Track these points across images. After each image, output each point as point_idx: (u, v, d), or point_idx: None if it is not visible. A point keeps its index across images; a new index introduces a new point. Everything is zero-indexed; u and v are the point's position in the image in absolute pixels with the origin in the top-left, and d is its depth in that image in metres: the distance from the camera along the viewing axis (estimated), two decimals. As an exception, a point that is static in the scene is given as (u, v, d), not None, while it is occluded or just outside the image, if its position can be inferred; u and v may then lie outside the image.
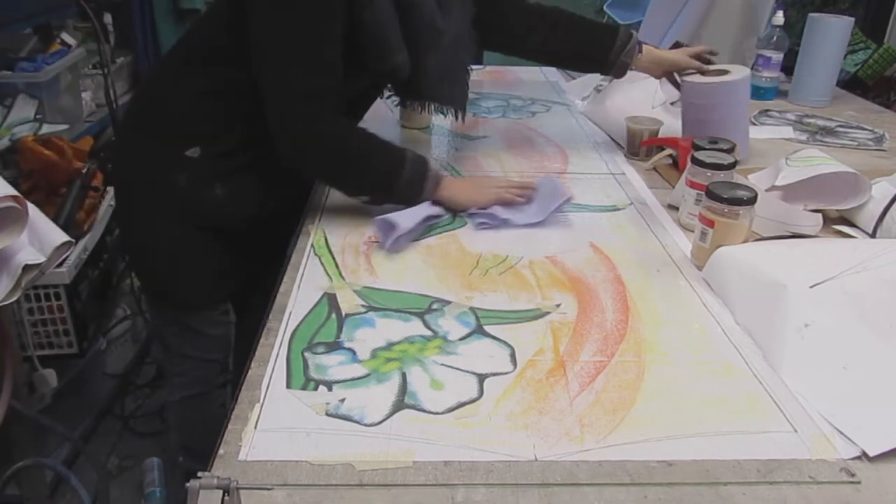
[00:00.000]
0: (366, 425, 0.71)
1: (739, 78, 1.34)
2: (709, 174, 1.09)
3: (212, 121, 1.13)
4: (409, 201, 1.11)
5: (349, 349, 0.83)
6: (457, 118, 1.28)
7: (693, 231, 1.06)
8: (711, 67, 1.39)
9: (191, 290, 1.22)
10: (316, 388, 0.76)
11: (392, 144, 1.14)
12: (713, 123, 1.31)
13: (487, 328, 0.88)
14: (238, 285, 1.28)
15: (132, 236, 1.25)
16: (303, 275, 0.99)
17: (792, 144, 1.57)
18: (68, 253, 1.36)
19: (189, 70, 1.14)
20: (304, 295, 0.94)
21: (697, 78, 1.36)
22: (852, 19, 1.82)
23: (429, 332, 0.87)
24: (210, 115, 1.13)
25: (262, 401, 0.74)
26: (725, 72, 1.35)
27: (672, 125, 1.49)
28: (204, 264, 1.21)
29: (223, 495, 0.58)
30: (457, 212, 1.16)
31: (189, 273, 1.21)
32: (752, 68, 1.94)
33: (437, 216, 1.14)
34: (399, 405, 0.74)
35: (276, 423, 0.71)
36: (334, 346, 0.84)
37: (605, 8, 2.44)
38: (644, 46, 1.39)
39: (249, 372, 0.79)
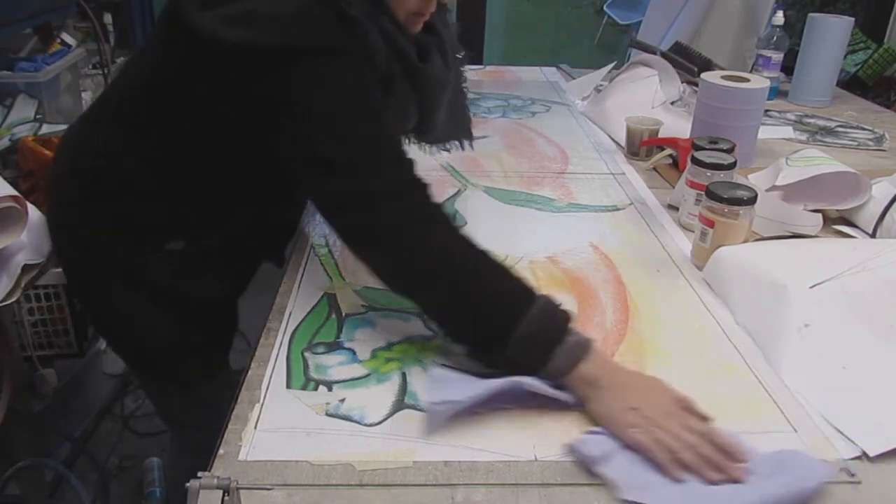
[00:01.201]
0: (366, 425, 0.71)
1: (758, 87, 1.34)
2: (709, 174, 1.09)
3: (195, 219, 0.98)
4: (525, 369, 0.73)
5: (349, 349, 0.83)
6: (463, 148, 1.17)
7: (693, 231, 1.06)
8: (734, 74, 1.39)
9: (196, 368, 1.10)
10: (316, 388, 0.76)
11: (515, 276, 0.78)
12: (723, 128, 1.31)
13: (487, 328, 0.88)
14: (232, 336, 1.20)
15: (110, 330, 1.10)
16: (303, 275, 0.99)
17: (792, 144, 1.57)
18: (68, 253, 1.36)
19: (157, 155, 0.94)
20: (304, 295, 0.94)
21: (717, 79, 1.36)
22: (852, 19, 1.82)
23: (429, 332, 0.87)
24: (192, 215, 0.97)
25: (262, 401, 0.74)
26: (746, 79, 1.35)
27: (672, 125, 1.49)
28: (203, 342, 1.10)
29: (223, 495, 0.58)
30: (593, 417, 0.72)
31: (190, 354, 1.08)
32: (752, 68, 1.94)
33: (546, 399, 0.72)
34: (399, 405, 0.74)
35: (276, 423, 0.71)
36: (334, 346, 0.84)
37: (604, 8, 2.45)
38: None
39: (249, 372, 0.79)
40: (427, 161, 1.40)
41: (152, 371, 1.14)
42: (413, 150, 0.99)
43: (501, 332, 0.74)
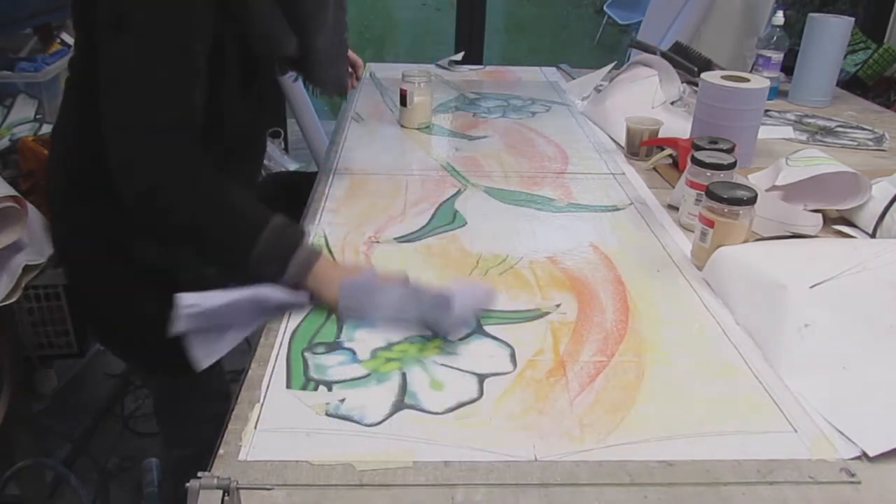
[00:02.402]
0: (366, 425, 0.71)
1: (758, 87, 1.34)
2: (709, 174, 1.09)
3: None
4: (269, 279, 0.89)
5: (349, 349, 0.83)
6: (341, 95, 1.23)
7: (693, 231, 1.06)
8: (734, 74, 1.39)
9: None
10: (316, 388, 0.76)
11: (258, 205, 0.93)
12: (723, 128, 1.31)
13: (487, 328, 0.88)
14: None
15: (112, 318, 1.11)
16: (303, 275, 0.99)
17: (792, 144, 1.57)
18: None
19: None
20: (303, 295, 0.94)
21: (717, 79, 1.35)
22: (852, 19, 1.82)
23: (429, 333, 0.87)
24: None
25: (262, 401, 0.74)
26: (746, 79, 1.35)
27: (672, 125, 1.49)
28: None
29: (223, 495, 0.58)
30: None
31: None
32: (752, 68, 1.94)
33: (287, 305, 0.88)
34: (399, 405, 0.74)
35: (276, 423, 0.71)
36: (334, 346, 0.84)
37: (605, 8, 2.46)
38: None
39: (249, 372, 0.79)
40: (427, 161, 1.41)
41: (153, 361, 1.15)
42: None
43: (240, 252, 0.88)
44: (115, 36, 0.88)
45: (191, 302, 0.81)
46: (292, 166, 2.72)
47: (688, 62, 1.88)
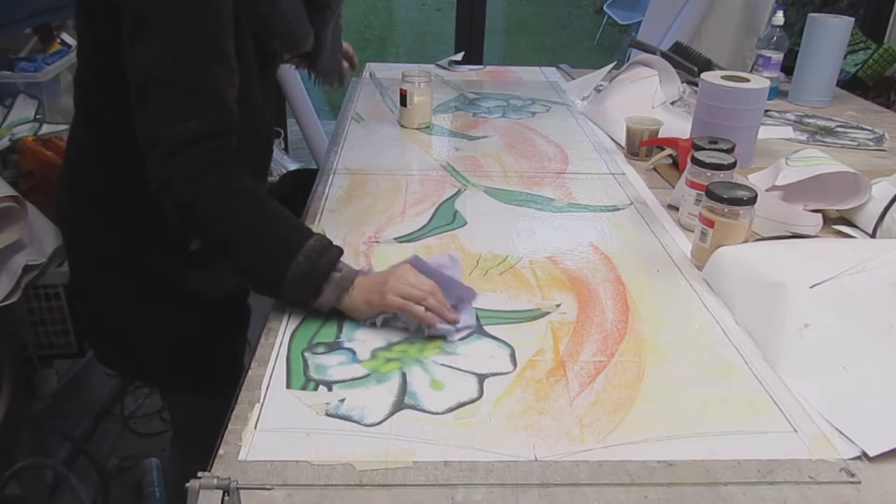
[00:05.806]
0: (366, 425, 0.71)
1: (758, 87, 1.34)
2: (709, 174, 1.09)
3: None
4: (301, 304, 0.87)
5: (349, 349, 0.83)
6: (341, 83, 1.23)
7: (693, 231, 1.06)
8: (734, 74, 1.39)
9: (219, 372, 1.09)
10: (316, 389, 0.76)
11: (293, 221, 0.89)
12: (723, 128, 1.31)
13: (487, 328, 0.88)
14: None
15: (133, 351, 1.09)
16: (303, 275, 0.99)
17: (792, 144, 1.57)
18: (68, 253, 1.36)
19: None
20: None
21: (717, 79, 1.35)
22: (852, 19, 1.82)
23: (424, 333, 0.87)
24: None
25: (262, 401, 0.74)
26: (746, 80, 1.35)
27: (672, 125, 1.49)
28: (226, 341, 1.12)
29: (223, 495, 0.58)
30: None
31: (212, 357, 1.10)
32: (752, 68, 1.94)
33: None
34: (399, 405, 0.74)
35: (276, 423, 0.71)
36: (334, 346, 0.84)
37: (605, 8, 2.46)
38: None
39: (249, 372, 0.79)
40: (427, 161, 1.41)
41: (178, 385, 1.14)
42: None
43: (275, 277, 0.85)
44: (139, 39, 0.81)
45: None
46: (292, 166, 2.72)
47: (688, 62, 1.88)
